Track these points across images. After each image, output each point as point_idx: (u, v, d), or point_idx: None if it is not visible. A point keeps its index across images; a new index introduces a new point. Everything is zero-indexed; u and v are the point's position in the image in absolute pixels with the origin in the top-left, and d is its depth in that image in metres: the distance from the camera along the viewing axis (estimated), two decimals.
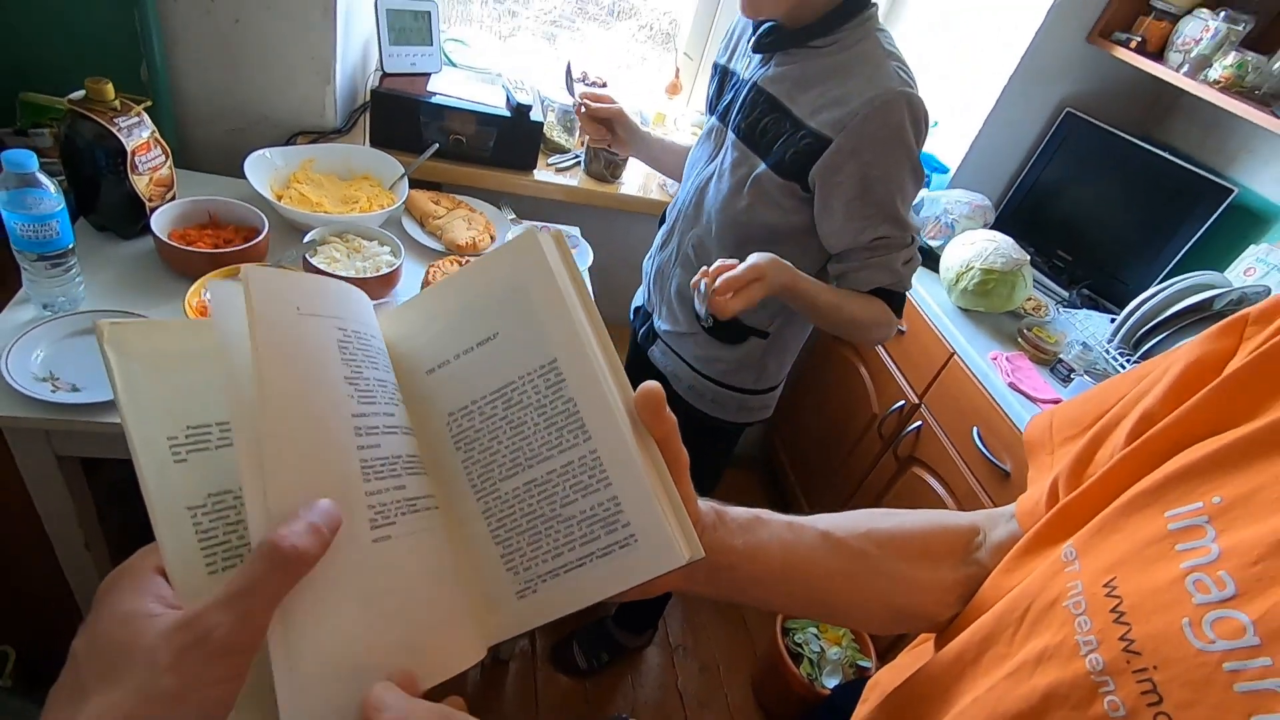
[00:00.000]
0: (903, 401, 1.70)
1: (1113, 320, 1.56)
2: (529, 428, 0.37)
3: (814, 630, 1.69)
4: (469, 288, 0.40)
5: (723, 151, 1.13)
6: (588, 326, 0.37)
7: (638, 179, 1.75)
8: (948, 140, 1.89)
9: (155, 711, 0.26)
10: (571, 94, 1.50)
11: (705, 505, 0.44)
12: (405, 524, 0.35)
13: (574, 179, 1.67)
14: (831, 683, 1.59)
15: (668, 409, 0.37)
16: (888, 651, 1.65)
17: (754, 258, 1.00)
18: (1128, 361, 1.44)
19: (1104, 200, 1.78)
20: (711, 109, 1.21)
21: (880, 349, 1.83)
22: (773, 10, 1.01)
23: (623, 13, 2.15)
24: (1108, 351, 1.48)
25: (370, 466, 0.34)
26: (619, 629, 1.73)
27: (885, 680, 0.52)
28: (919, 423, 1.65)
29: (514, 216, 1.53)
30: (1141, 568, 0.33)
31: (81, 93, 1.02)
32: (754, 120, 1.06)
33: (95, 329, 0.33)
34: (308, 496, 0.30)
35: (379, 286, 1.13)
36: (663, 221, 1.30)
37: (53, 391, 0.85)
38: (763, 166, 1.05)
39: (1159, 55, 1.60)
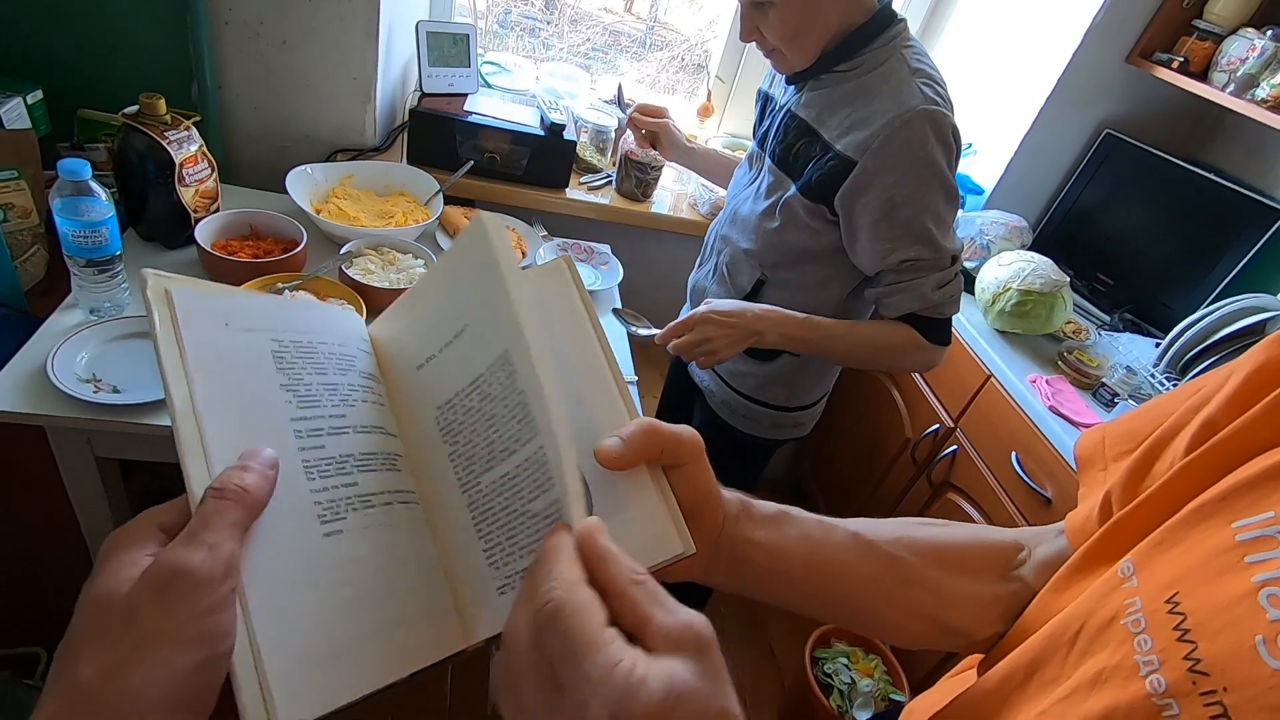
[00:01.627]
0: (937, 425, 1.66)
1: (1157, 345, 1.51)
2: (499, 421, 0.36)
3: (844, 660, 1.64)
4: (442, 282, 0.41)
5: (760, 176, 1.15)
6: (534, 319, 0.35)
7: (668, 199, 1.76)
8: (983, 161, 1.87)
9: (146, 651, 0.26)
10: (622, 111, 1.57)
11: (731, 496, 0.43)
12: (358, 519, 0.36)
13: (605, 198, 1.68)
14: (863, 716, 1.53)
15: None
16: (922, 684, 1.58)
17: (702, 309, 1.05)
18: (1174, 386, 1.39)
19: (1146, 223, 1.74)
20: (755, 135, 1.23)
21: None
22: (803, 63, 1.03)
23: (654, 44, 2.19)
24: (1153, 376, 1.43)
25: (313, 466, 0.36)
26: None
27: (922, 707, 0.49)
28: (954, 447, 1.60)
29: (545, 233, 1.54)
30: (1207, 581, 0.31)
31: (135, 107, 1.06)
32: (788, 144, 1.08)
33: (140, 277, 0.37)
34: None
35: None
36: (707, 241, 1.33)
37: (95, 392, 0.86)
38: (793, 189, 1.06)
39: (1202, 75, 1.57)
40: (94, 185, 0.91)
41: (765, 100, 1.21)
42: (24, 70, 1.22)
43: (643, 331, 1.21)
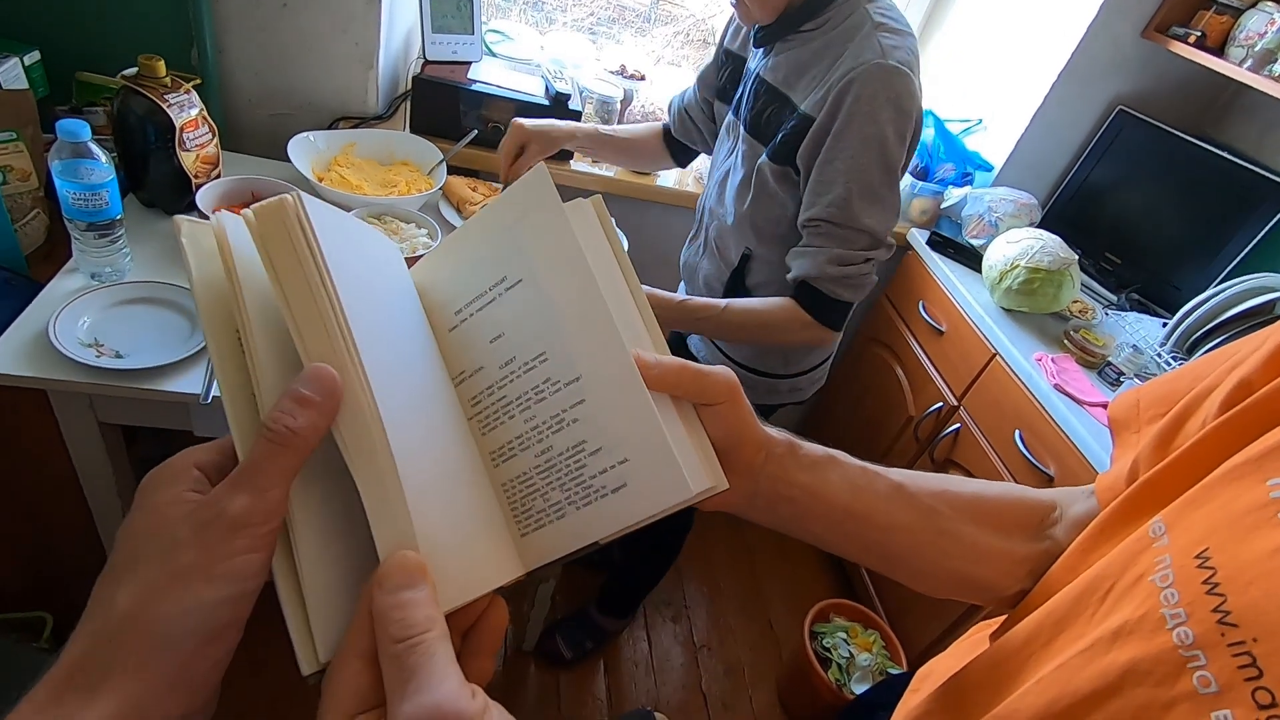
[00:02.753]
0: (941, 403, 1.66)
1: (1164, 325, 1.50)
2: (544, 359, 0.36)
3: (843, 635, 1.65)
4: (493, 221, 0.40)
5: (736, 145, 1.12)
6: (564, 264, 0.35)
7: (673, 172, 1.74)
8: (993, 137, 1.85)
9: (180, 584, 0.27)
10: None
11: (780, 435, 0.43)
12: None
13: (611, 170, 1.66)
14: (860, 689, 1.55)
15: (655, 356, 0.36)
16: (920, 658, 1.60)
17: None
18: (1181, 366, 1.38)
19: (1157, 201, 1.72)
20: (722, 95, 1.20)
21: (918, 349, 1.79)
22: (766, 15, 1.00)
23: (659, 19, 2.15)
24: (1159, 355, 1.42)
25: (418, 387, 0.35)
26: (601, 615, 1.70)
27: (941, 668, 0.50)
28: (957, 425, 1.60)
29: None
30: (1239, 537, 0.30)
31: (134, 70, 1.04)
32: (758, 111, 1.05)
33: (174, 224, 0.34)
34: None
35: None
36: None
37: (97, 357, 0.86)
38: (764, 156, 1.04)
39: (1219, 51, 1.54)
40: (94, 147, 0.89)
41: (728, 58, 1.18)
42: (21, 32, 1.20)
43: None
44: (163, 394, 0.87)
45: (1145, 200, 1.74)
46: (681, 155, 1.40)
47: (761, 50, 1.07)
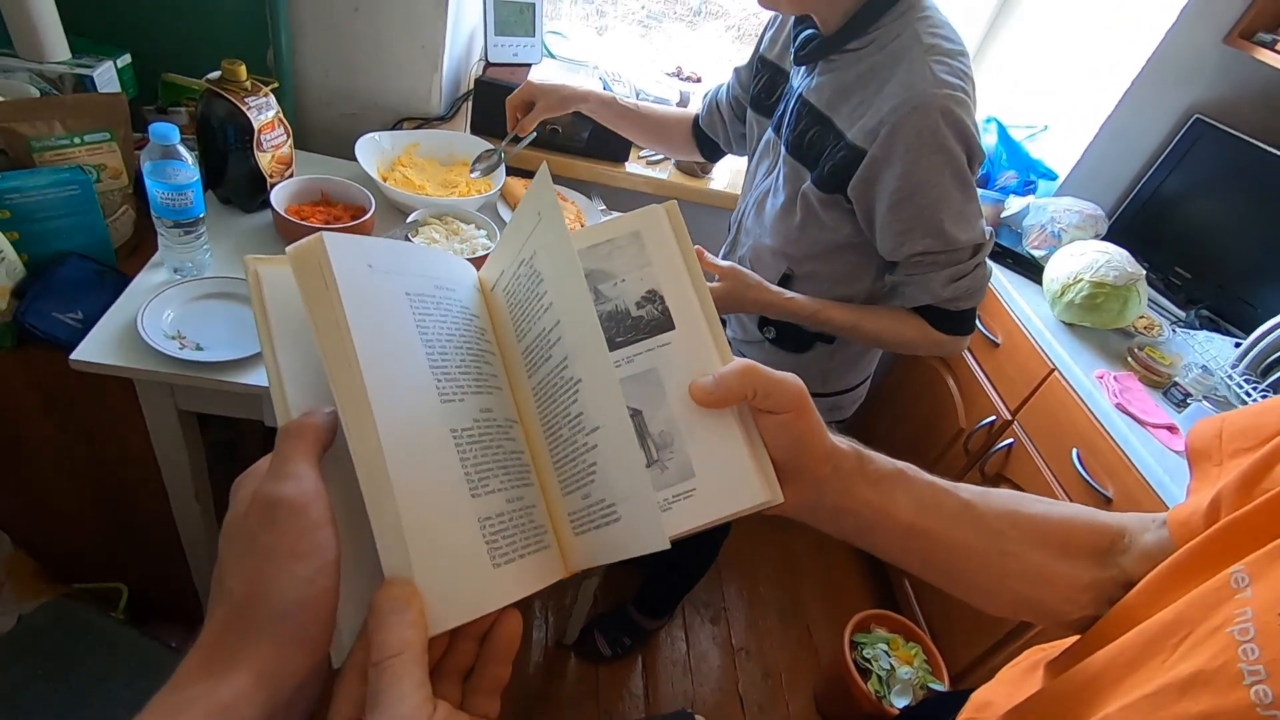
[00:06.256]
0: (994, 417, 1.62)
1: (1237, 345, 1.44)
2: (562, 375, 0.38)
3: (884, 647, 1.63)
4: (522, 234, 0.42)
5: (778, 166, 1.09)
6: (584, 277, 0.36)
7: (726, 175, 1.74)
8: (1058, 144, 1.79)
9: (273, 565, 0.31)
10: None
11: (848, 446, 0.43)
12: (495, 480, 0.37)
13: (664, 173, 1.67)
14: (900, 702, 1.53)
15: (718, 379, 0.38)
16: (964, 673, 1.57)
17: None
18: (1255, 390, 1.32)
19: (1234, 215, 1.65)
20: (756, 105, 1.16)
21: (971, 360, 1.75)
22: (789, 10, 0.97)
23: (709, 13, 2.14)
24: (1231, 378, 1.36)
25: (452, 415, 0.37)
26: (640, 613, 1.71)
27: (1000, 698, 0.49)
28: (1010, 440, 1.57)
29: (604, 207, 1.54)
30: None
31: (218, 73, 1.09)
32: (800, 133, 1.01)
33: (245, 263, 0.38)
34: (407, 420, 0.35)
35: (475, 267, 1.16)
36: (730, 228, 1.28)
37: (180, 349, 0.91)
38: (808, 182, 1.01)
39: None
40: (181, 149, 0.94)
41: (764, 66, 1.14)
42: (111, 35, 1.27)
43: None
44: (239, 386, 0.91)
45: (1220, 213, 1.67)
46: (709, 150, 1.35)
47: (804, 68, 1.02)
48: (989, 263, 1.01)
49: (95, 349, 0.89)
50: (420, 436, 0.34)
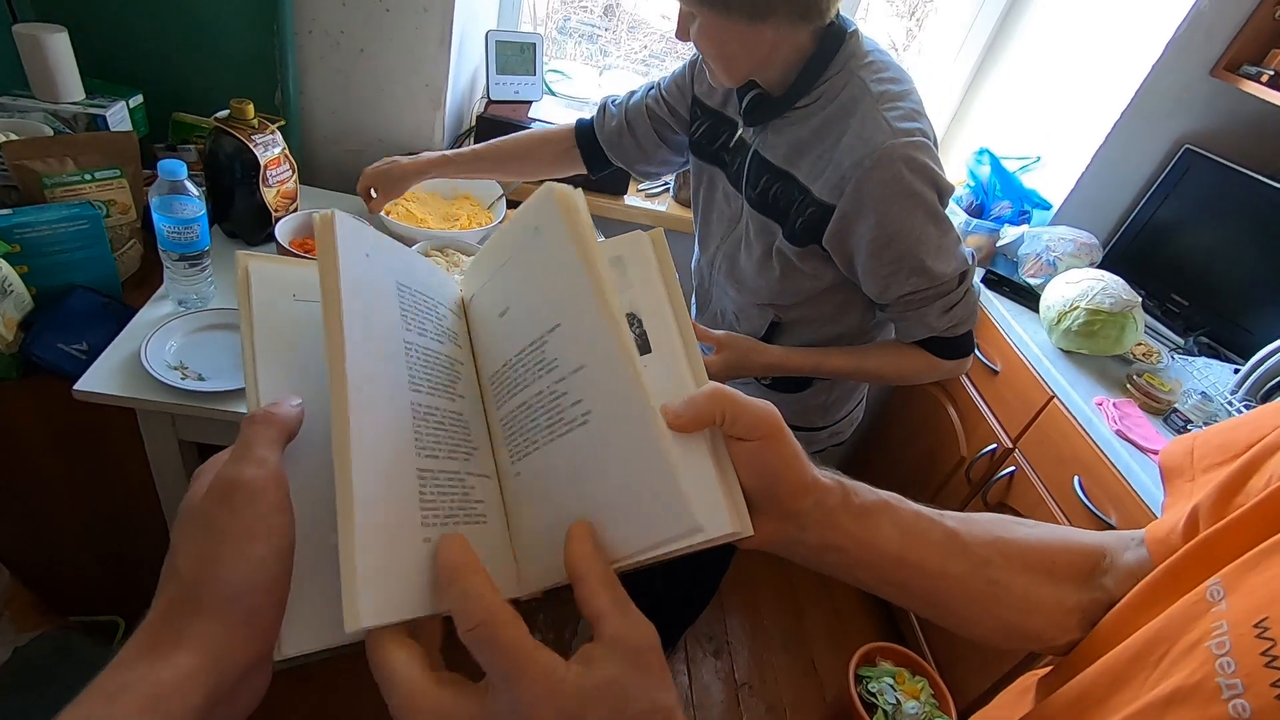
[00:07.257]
0: (995, 445, 1.62)
1: (1236, 370, 1.44)
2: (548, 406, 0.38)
3: (889, 680, 1.60)
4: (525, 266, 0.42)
5: (742, 219, 1.08)
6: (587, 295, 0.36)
7: None
8: (1052, 175, 1.82)
9: (228, 546, 0.31)
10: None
11: (832, 480, 0.42)
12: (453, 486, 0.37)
13: (662, 205, 1.70)
14: None
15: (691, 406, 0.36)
16: (972, 707, 1.54)
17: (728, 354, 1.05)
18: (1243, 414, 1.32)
19: (1227, 242, 1.66)
20: (698, 150, 1.12)
21: (971, 389, 1.75)
22: (729, 82, 0.95)
23: None
24: (1230, 403, 1.36)
25: (421, 419, 0.37)
26: None
27: None
28: (1012, 468, 1.56)
29: (603, 239, 1.57)
30: None
31: (226, 111, 1.13)
32: (763, 190, 1.01)
33: (237, 258, 0.40)
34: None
35: None
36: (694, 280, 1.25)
37: (182, 379, 0.92)
38: (780, 237, 1.01)
39: None
40: (189, 185, 0.97)
41: (703, 112, 1.10)
42: (127, 76, 1.31)
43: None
44: (239, 415, 0.92)
45: (1215, 240, 1.68)
46: (596, 163, 1.25)
47: (753, 128, 1.01)
48: (976, 283, 1.02)
49: (98, 379, 0.90)
50: (386, 419, 0.35)
